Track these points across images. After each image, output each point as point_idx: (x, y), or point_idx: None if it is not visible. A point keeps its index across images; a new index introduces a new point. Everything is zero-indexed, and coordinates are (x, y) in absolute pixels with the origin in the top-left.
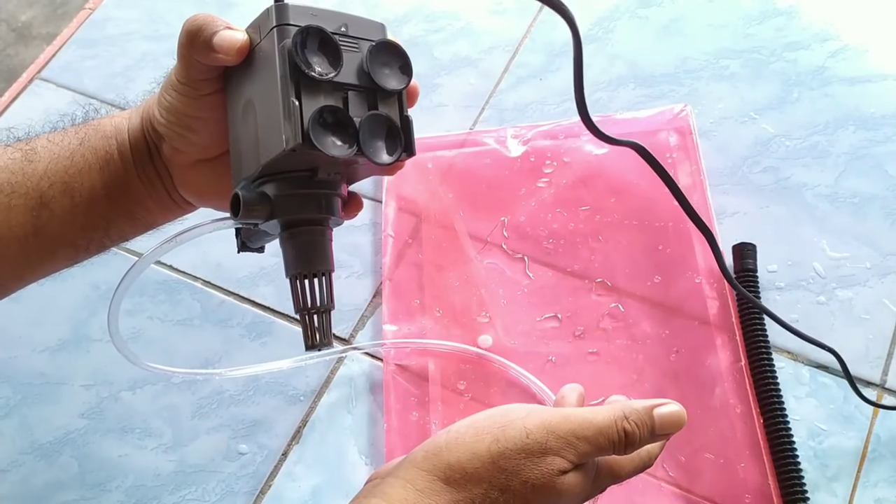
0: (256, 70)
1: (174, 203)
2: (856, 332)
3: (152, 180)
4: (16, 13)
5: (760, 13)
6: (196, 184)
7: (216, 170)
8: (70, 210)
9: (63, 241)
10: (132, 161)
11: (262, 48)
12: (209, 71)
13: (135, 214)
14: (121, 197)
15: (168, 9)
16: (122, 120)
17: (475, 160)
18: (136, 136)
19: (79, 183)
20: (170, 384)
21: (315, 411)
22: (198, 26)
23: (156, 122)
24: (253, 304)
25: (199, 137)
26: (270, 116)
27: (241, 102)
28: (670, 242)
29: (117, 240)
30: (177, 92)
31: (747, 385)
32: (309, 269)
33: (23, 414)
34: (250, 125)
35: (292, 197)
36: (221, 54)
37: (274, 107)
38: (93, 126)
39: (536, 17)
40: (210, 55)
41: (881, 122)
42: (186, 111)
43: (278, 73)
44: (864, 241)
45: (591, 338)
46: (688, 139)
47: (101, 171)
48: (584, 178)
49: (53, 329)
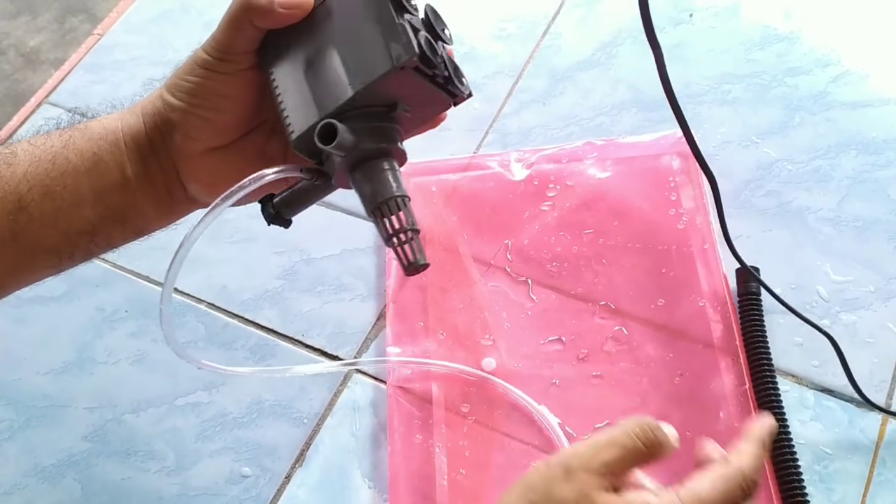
0: (329, 20)
1: (174, 203)
2: (860, 356)
3: (152, 179)
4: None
5: (762, 39)
6: (208, 173)
7: (228, 157)
8: (51, 214)
9: (44, 247)
10: (127, 161)
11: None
12: (254, 41)
13: (126, 219)
14: (111, 200)
15: (175, 34)
16: (112, 121)
17: (479, 184)
18: (133, 133)
19: (61, 186)
20: (173, 406)
21: (318, 434)
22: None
23: (169, 109)
24: (257, 326)
25: (224, 118)
26: (364, 48)
27: (302, 58)
28: (673, 266)
29: (104, 247)
30: (209, 70)
31: (752, 409)
32: (394, 194)
33: (26, 436)
34: (326, 71)
35: (373, 129)
36: (293, 10)
37: (370, 37)
38: (79, 129)
39: (540, 43)
40: (275, 15)
41: (883, 146)
42: (219, 89)
43: (375, 4)
44: (868, 265)
45: (595, 361)
46: (690, 163)
47: (87, 173)
48: (588, 202)
49: (58, 351)
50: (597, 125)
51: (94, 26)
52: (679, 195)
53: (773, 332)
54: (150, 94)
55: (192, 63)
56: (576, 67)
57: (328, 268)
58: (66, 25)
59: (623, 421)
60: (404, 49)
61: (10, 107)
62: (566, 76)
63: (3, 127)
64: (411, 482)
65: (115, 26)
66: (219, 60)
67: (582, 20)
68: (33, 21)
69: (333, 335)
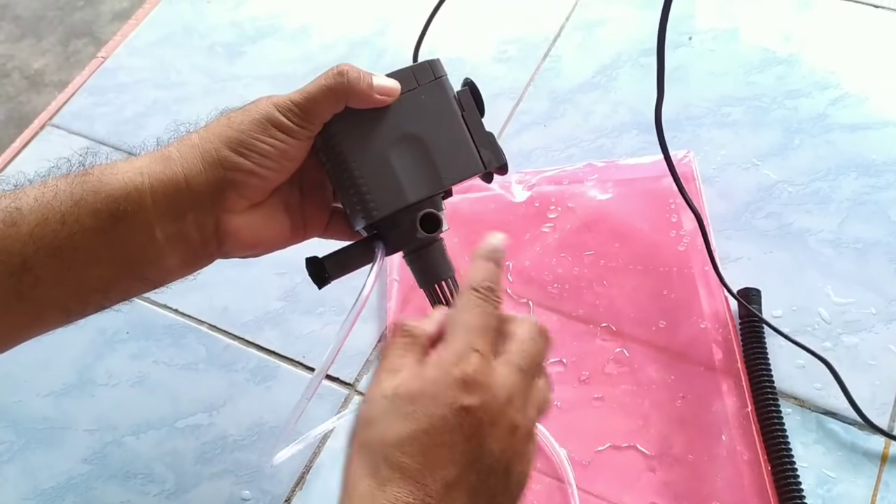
0: (412, 113)
1: (205, 255)
2: (862, 379)
3: (187, 237)
4: (29, 61)
5: (761, 61)
6: (249, 231)
7: (263, 212)
8: (59, 275)
9: (52, 305)
10: (155, 221)
11: (426, 91)
12: (332, 115)
13: (145, 275)
14: (130, 260)
15: (178, 58)
16: (133, 174)
17: (480, 205)
18: (167, 189)
19: (71, 248)
20: (174, 429)
21: (319, 457)
22: (357, 74)
23: (232, 168)
24: (258, 348)
25: (280, 179)
26: (453, 146)
27: (382, 142)
28: (675, 287)
29: (118, 300)
30: (287, 134)
31: (754, 432)
32: (444, 276)
33: (26, 458)
34: (415, 161)
35: (437, 217)
36: (384, 96)
37: (457, 137)
38: (91, 185)
39: (540, 65)
40: (371, 100)
41: (882, 168)
42: (291, 153)
43: (461, 111)
44: (869, 287)
45: (597, 383)
46: (691, 185)
47: (102, 233)
48: (589, 223)
49: (58, 373)
50: (597, 147)
51: (98, 49)
52: (680, 217)
53: (774, 354)
54: (188, 143)
55: (262, 122)
56: (576, 90)
57: (329, 289)
58: (70, 48)
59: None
60: (495, 157)
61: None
62: (567, 98)
63: (7, 149)
64: None
65: (118, 49)
66: (300, 127)
67: (582, 43)
68: (38, 44)
69: None
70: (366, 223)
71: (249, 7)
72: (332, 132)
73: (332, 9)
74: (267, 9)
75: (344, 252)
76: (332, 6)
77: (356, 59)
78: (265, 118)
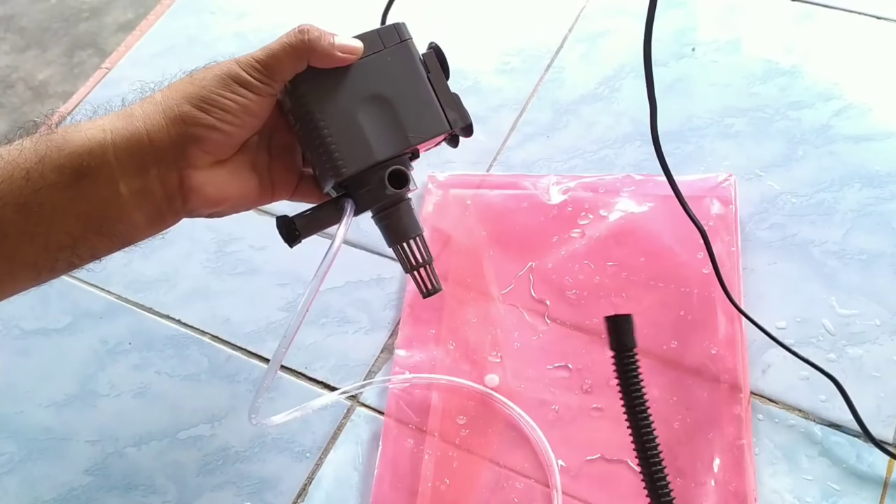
0: (381, 71)
1: (168, 214)
2: (867, 390)
3: (151, 192)
4: (33, 72)
5: (764, 73)
6: (214, 187)
7: (228, 169)
8: (27, 231)
9: (21, 263)
10: (119, 176)
11: (392, 53)
12: (297, 73)
13: (113, 232)
14: (96, 216)
15: (182, 68)
16: (96, 131)
17: (513, 202)
18: (129, 145)
19: (37, 203)
20: (175, 440)
21: (321, 468)
22: (318, 33)
23: (192, 123)
24: (260, 359)
25: (243, 136)
26: (419, 105)
27: (349, 102)
28: (693, 310)
29: (88, 259)
30: (249, 90)
31: (745, 464)
32: (412, 234)
33: (27, 470)
34: (382, 120)
35: (405, 173)
36: (347, 54)
37: (423, 98)
38: (55, 142)
39: (543, 77)
40: (333, 59)
41: (887, 179)
42: (253, 109)
43: (427, 72)
44: (874, 298)
45: (599, 393)
46: (728, 209)
47: (66, 189)
48: (618, 235)
49: (60, 384)
50: (600, 158)
51: (103, 60)
52: (711, 239)
53: (778, 366)
54: (150, 101)
55: (224, 79)
56: (579, 101)
57: (331, 300)
58: (74, 59)
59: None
60: (461, 117)
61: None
62: (570, 109)
63: None
64: (396, 483)
65: (122, 60)
66: (261, 83)
67: (585, 54)
68: (42, 55)
69: (336, 368)
70: (335, 181)
71: (253, 18)
72: (300, 92)
73: (335, 21)
74: (270, 20)
75: (314, 211)
76: (335, 19)
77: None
78: (227, 74)
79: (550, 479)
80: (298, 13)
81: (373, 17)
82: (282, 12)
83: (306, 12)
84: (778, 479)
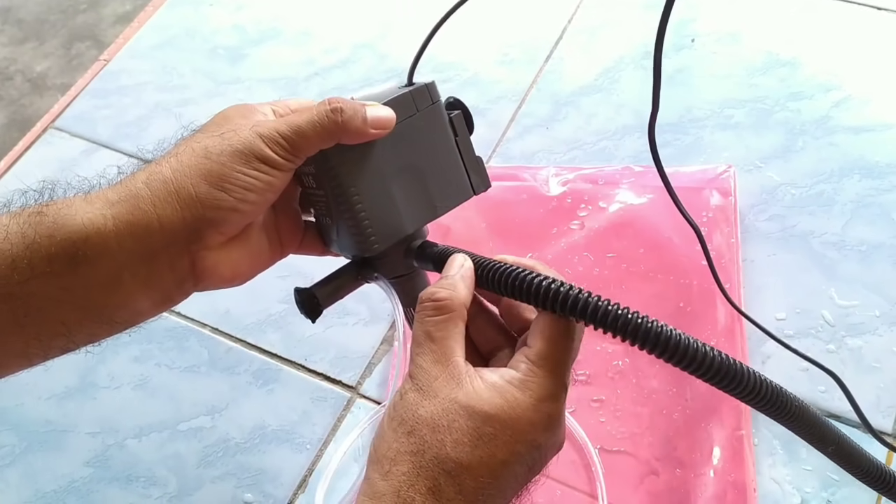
0: (414, 139)
1: (180, 294)
2: (867, 381)
3: (160, 278)
4: (31, 64)
5: (764, 64)
6: (228, 266)
7: (240, 244)
8: (13, 322)
9: (11, 353)
10: (123, 265)
11: (424, 118)
12: (318, 150)
13: (114, 318)
14: (95, 304)
15: (180, 61)
16: (95, 218)
17: (512, 194)
18: (135, 231)
19: (25, 294)
20: (176, 432)
21: (321, 460)
22: (351, 111)
23: (212, 205)
24: (260, 350)
25: (261, 211)
26: (448, 174)
27: (383, 174)
28: (692, 301)
29: (86, 343)
30: (273, 167)
31: (745, 455)
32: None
33: (28, 462)
34: (411, 187)
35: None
36: (380, 129)
37: (452, 165)
38: (45, 228)
39: (542, 68)
40: (366, 136)
41: (886, 170)
42: (276, 186)
43: (454, 136)
44: (873, 289)
45: (598, 385)
46: (727, 200)
47: (60, 277)
48: (617, 226)
49: (60, 376)
50: (600, 149)
51: (101, 52)
52: (710, 231)
53: (777, 358)
54: (159, 178)
55: (245, 155)
56: (578, 92)
57: None
58: (72, 51)
59: None
60: (482, 182)
61: (16, 132)
62: (569, 101)
63: (10, 152)
64: None
65: (121, 52)
66: (285, 160)
67: (584, 46)
68: (40, 47)
69: (336, 360)
70: (361, 256)
71: (252, 10)
72: (331, 164)
73: (334, 12)
74: (269, 12)
75: (333, 280)
76: (334, 9)
77: (358, 62)
78: (248, 150)
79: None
80: (297, 5)
81: (373, 5)
82: (280, 3)
83: (305, 5)
84: (777, 469)
